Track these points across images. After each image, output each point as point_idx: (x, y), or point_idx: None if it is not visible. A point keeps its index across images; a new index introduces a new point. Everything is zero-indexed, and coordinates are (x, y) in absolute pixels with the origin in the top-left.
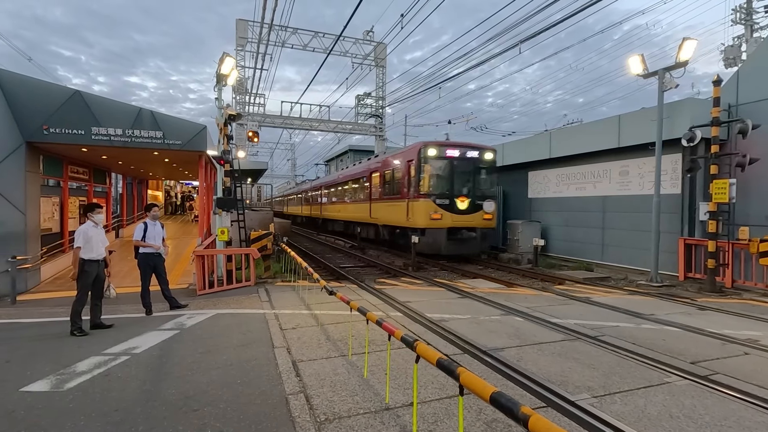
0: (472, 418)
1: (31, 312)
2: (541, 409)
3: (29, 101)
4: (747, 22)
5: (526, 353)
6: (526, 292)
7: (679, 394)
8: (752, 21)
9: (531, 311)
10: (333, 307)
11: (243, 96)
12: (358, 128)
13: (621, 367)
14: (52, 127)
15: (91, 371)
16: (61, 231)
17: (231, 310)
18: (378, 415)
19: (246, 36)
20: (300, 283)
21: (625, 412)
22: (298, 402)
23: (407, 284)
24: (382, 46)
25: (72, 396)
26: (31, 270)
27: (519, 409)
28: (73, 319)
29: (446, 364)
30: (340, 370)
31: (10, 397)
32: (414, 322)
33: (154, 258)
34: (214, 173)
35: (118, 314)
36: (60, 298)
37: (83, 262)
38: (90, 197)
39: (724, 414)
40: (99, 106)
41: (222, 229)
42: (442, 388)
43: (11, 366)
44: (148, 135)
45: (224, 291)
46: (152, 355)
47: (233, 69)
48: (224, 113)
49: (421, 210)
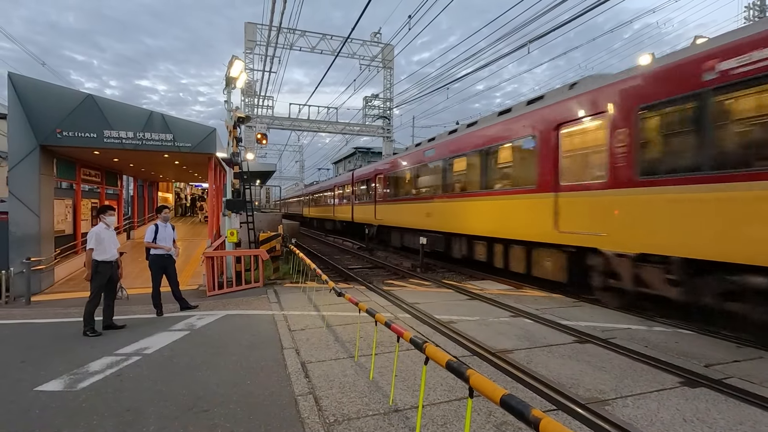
0: (481, 421)
1: (45, 312)
2: (552, 412)
3: (43, 105)
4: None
5: (536, 355)
6: (536, 294)
7: (692, 397)
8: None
9: (541, 313)
10: (341, 309)
11: (252, 98)
12: (365, 130)
13: (633, 370)
14: (65, 131)
15: (104, 371)
16: (74, 233)
17: (240, 311)
18: (387, 417)
19: (254, 39)
20: (308, 284)
21: (638, 415)
22: (308, 403)
23: (415, 285)
24: (389, 48)
25: (85, 395)
26: (45, 271)
27: (530, 412)
28: (86, 319)
29: (456, 366)
30: (348, 372)
31: (25, 396)
32: (422, 324)
33: (164, 259)
34: (224, 175)
35: (129, 315)
36: (73, 299)
37: (97, 263)
38: (102, 199)
39: (738, 419)
40: (111, 109)
41: (231, 231)
42: (450, 390)
43: (26, 366)
44: (159, 138)
45: (234, 292)
46: (163, 355)
47: (242, 72)
48: (233, 116)
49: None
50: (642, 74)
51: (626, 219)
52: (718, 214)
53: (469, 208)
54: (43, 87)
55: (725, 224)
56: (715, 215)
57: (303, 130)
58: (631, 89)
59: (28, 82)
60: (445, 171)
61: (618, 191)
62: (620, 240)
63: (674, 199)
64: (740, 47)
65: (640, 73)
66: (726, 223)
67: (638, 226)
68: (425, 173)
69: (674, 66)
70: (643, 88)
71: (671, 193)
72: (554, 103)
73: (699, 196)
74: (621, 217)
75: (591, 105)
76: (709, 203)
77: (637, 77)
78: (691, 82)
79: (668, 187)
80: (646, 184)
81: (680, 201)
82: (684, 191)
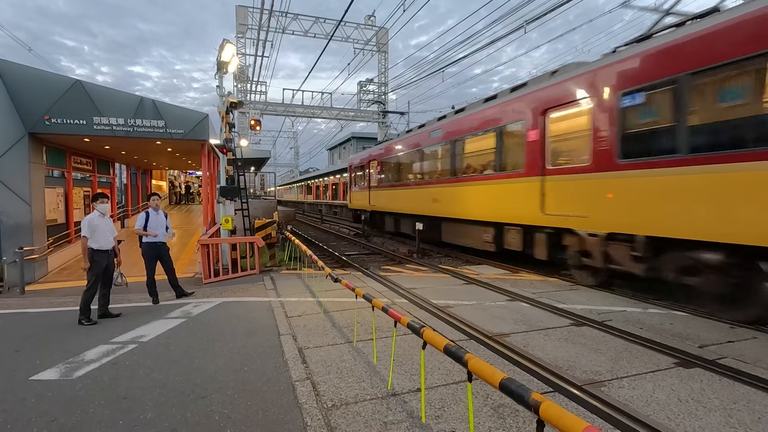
0: (479, 404)
1: (39, 302)
2: (549, 393)
3: (30, 92)
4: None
5: (533, 339)
6: (532, 278)
7: (687, 378)
8: None
9: (537, 297)
10: (338, 295)
11: (244, 84)
12: (360, 115)
13: (629, 352)
14: (54, 118)
15: (100, 360)
16: (66, 222)
17: (237, 298)
18: (384, 401)
19: (246, 23)
20: (305, 271)
21: (634, 396)
22: (305, 389)
23: (412, 271)
24: (383, 31)
25: (81, 384)
26: (38, 260)
27: (530, 396)
28: (82, 308)
29: (454, 350)
30: (346, 357)
31: (20, 386)
32: (419, 309)
33: (158, 247)
34: (217, 162)
35: (125, 303)
36: (68, 288)
37: (92, 251)
38: (94, 188)
39: (733, 398)
40: (100, 95)
41: (226, 218)
42: (448, 373)
43: (21, 355)
44: (150, 124)
45: (230, 279)
46: (160, 343)
47: (234, 56)
48: (225, 101)
49: None
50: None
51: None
52: (668, 195)
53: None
54: (31, 73)
55: (677, 205)
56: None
57: (297, 116)
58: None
59: (15, 68)
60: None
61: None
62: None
63: (637, 182)
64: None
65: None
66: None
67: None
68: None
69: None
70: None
71: (633, 177)
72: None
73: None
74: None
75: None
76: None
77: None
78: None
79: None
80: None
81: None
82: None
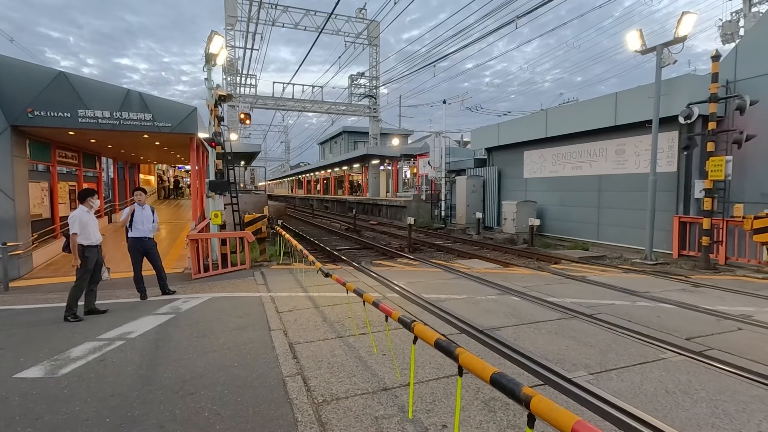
0: (470, 397)
1: (24, 298)
2: (539, 386)
3: (12, 83)
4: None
5: (523, 332)
6: (523, 272)
7: (674, 370)
8: None
9: (527, 290)
10: (329, 289)
11: (234, 77)
12: (351, 109)
13: (617, 345)
14: (37, 110)
15: (86, 357)
16: (51, 217)
17: (227, 293)
18: (376, 396)
19: (236, 15)
20: (296, 265)
21: (622, 388)
22: (296, 384)
23: (404, 265)
24: (374, 24)
25: (67, 382)
26: (23, 256)
27: (521, 390)
28: (69, 304)
29: (445, 344)
30: (337, 352)
31: (4, 384)
32: (411, 303)
33: (144, 242)
34: (206, 156)
35: (112, 299)
36: (53, 284)
37: (83, 248)
38: (80, 182)
39: (719, 389)
40: (85, 87)
41: (215, 213)
42: (439, 367)
43: (5, 353)
44: (137, 117)
45: (220, 275)
46: (148, 339)
47: (222, 48)
48: (214, 94)
49: None
50: None
51: None
52: None
53: None
54: (12, 64)
55: None
56: None
57: (287, 110)
58: None
59: None
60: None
61: None
62: None
63: None
64: None
65: None
66: None
67: None
68: None
69: None
70: None
71: None
72: None
73: None
74: None
75: None
76: None
77: None
78: None
79: None
80: None
81: None
82: None
